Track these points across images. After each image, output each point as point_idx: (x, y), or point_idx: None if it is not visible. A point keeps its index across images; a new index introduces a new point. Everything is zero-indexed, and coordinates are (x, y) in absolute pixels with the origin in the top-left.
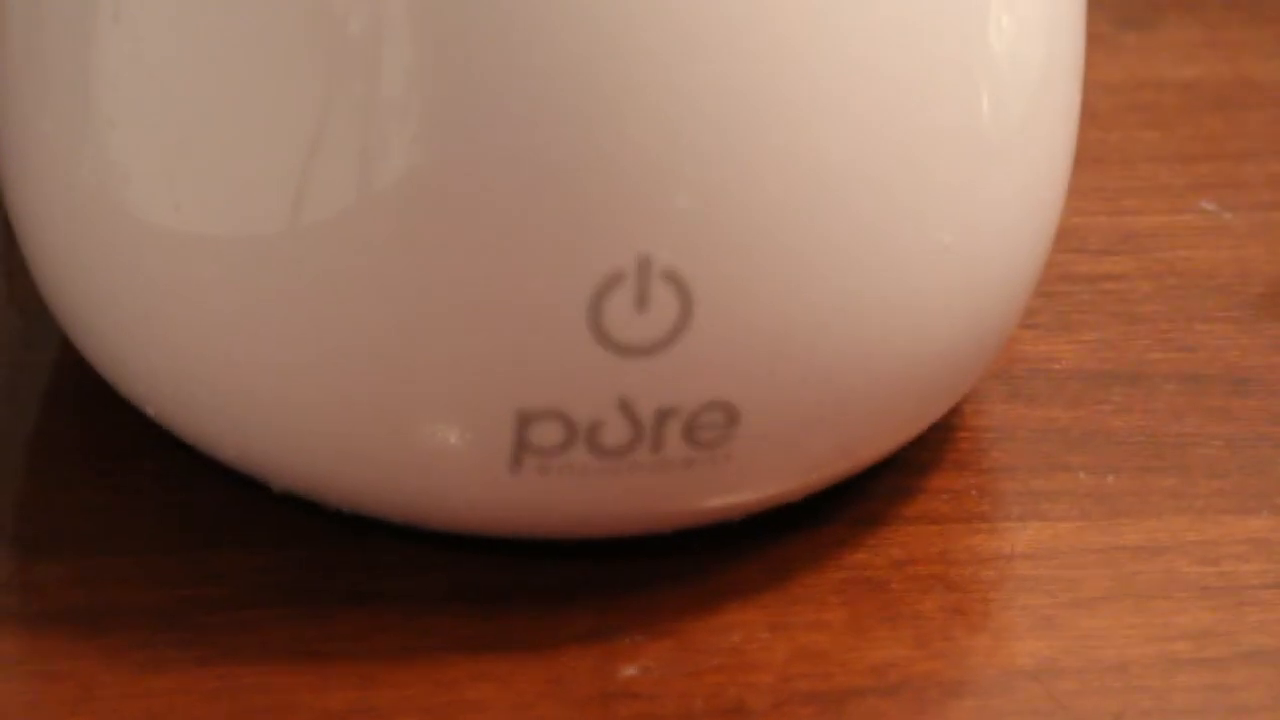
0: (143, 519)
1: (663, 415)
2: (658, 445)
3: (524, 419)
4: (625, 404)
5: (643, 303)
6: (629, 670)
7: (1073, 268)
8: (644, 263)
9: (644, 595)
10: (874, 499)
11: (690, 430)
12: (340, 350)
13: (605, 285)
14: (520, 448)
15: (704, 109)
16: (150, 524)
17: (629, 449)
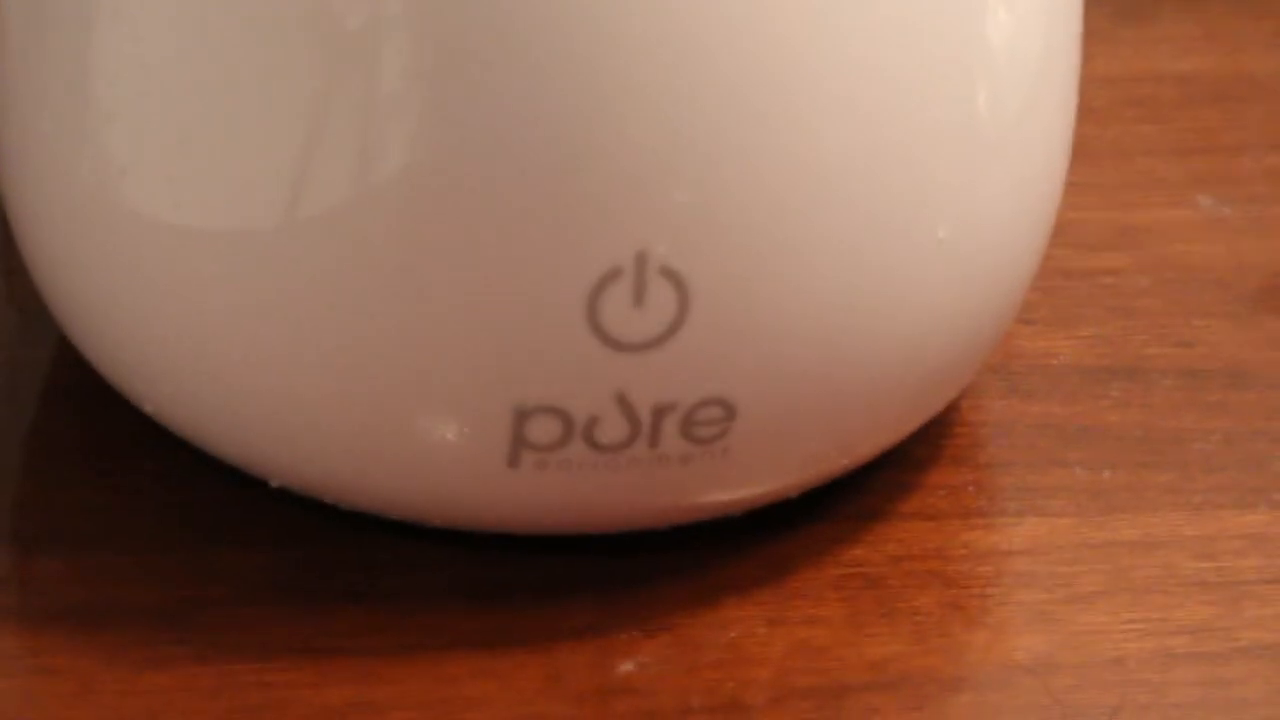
0: (141, 517)
1: (660, 411)
2: (655, 441)
3: (521, 415)
4: (623, 399)
5: (640, 298)
6: (627, 666)
7: (1070, 263)
8: (641, 258)
9: (642, 591)
10: (871, 494)
11: (687, 426)
12: (338, 347)
13: (602, 281)
14: (518, 443)
15: (701, 105)
16: (149, 522)
17: (626, 445)
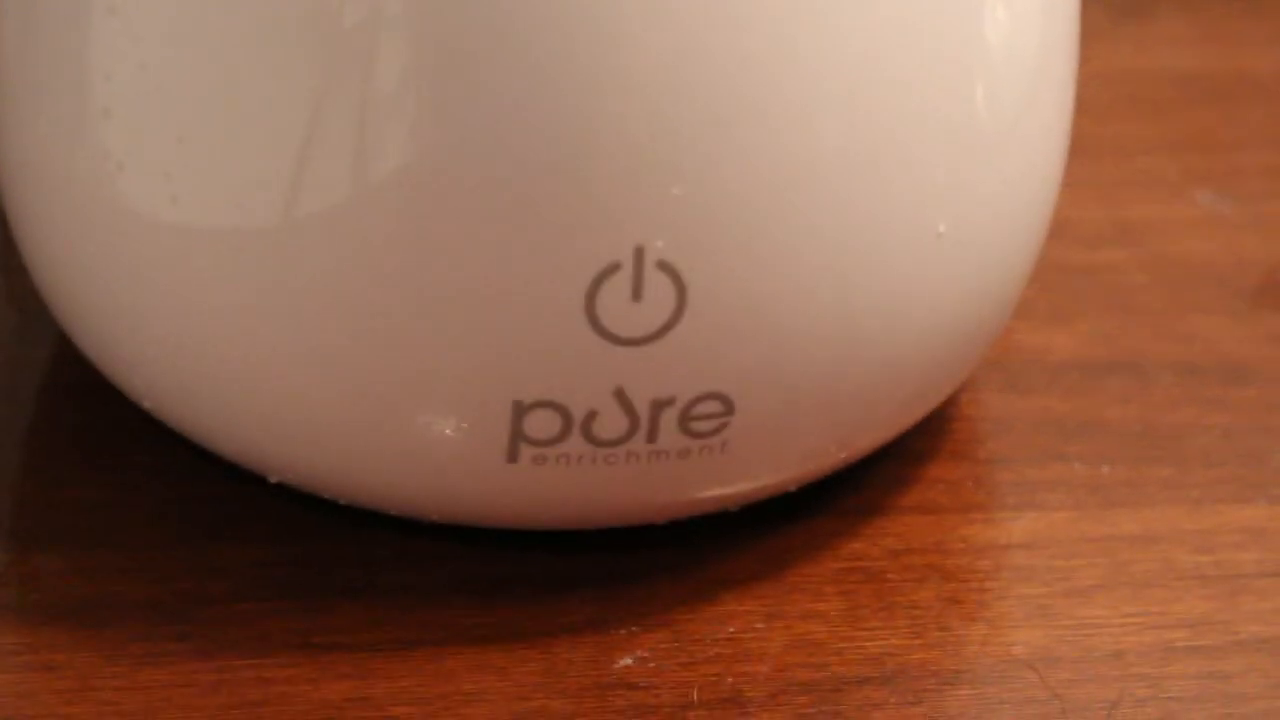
0: (140, 513)
1: (658, 405)
2: (653, 435)
3: (520, 409)
4: (621, 394)
5: (638, 293)
6: (626, 660)
7: (1068, 258)
8: (639, 253)
9: (640, 586)
10: (870, 489)
11: (686, 420)
12: (336, 343)
13: (601, 276)
14: (516, 438)
15: (698, 101)
16: (148, 518)
17: (625, 439)
